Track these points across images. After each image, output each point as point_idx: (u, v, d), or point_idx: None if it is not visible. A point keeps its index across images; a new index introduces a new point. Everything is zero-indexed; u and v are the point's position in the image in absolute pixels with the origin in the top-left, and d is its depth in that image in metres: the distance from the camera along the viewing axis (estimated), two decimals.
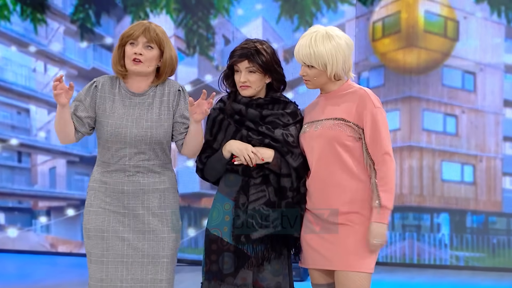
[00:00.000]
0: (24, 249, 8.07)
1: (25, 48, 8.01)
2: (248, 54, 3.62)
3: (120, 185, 3.59)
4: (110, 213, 3.59)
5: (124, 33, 3.59)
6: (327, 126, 3.55)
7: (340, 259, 3.52)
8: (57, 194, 8.04)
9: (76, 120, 3.60)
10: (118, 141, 3.57)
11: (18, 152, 8.12)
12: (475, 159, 7.38)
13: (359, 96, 3.54)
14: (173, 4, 7.68)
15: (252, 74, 3.64)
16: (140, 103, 3.61)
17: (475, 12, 7.29)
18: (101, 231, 3.58)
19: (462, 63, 7.36)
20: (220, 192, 3.69)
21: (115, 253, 3.58)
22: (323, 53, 3.52)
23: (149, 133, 3.58)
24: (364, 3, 7.43)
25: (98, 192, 3.60)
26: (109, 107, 3.59)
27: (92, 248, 3.59)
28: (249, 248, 3.61)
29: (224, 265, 3.60)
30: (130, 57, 3.55)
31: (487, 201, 7.36)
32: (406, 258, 7.47)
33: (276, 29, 7.47)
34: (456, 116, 7.41)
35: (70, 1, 7.90)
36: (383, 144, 3.49)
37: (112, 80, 3.65)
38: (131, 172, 3.59)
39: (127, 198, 3.59)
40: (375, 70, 7.50)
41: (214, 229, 3.66)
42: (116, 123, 3.56)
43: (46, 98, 7.97)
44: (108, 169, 3.60)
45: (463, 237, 7.38)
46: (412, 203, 7.45)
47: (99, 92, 3.60)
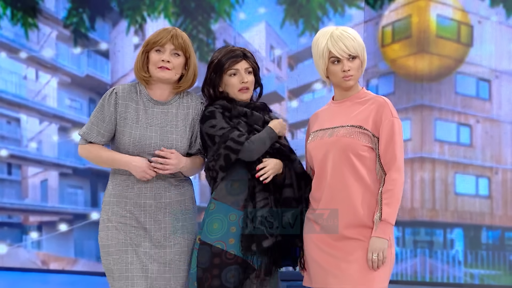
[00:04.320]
0: (14, 266, 8.04)
1: (16, 54, 8.00)
2: (245, 54, 3.75)
3: (141, 198, 3.63)
4: (131, 227, 3.63)
5: (150, 39, 3.65)
6: (342, 133, 3.54)
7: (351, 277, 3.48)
8: (49, 208, 8.03)
9: (99, 141, 3.67)
10: (141, 151, 3.62)
11: (8, 164, 8.11)
12: (490, 171, 7.35)
13: (378, 104, 3.55)
14: (172, 7, 7.67)
15: (250, 75, 3.75)
16: (164, 112, 3.66)
17: (490, 16, 7.27)
18: (124, 245, 3.61)
19: (476, 70, 7.34)
20: (222, 202, 3.67)
21: (139, 268, 3.61)
22: (360, 41, 3.58)
23: (174, 144, 3.63)
24: (373, 6, 7.41)
25: (116, 207, 3.64)
26: (131, 116, 3.62)
27: (114, 264, 3.61)
28: (255, 260, 3.64)
29: (230, 279, 3.61)
30: (157, 64, 3.62)
31: (503, 215, 7.32)
32: (418, 275, 7.43)
33: (280, 34, 7.47)
34: (470, 126, 7.39)
35: (63, 4, 7.89)
36: (396, 156, 3.49)
37: (131, 88, 3.68)
38: (154, 184, 3.65)
39: (149, 212, 3.64)
40: (385, 77, 7.48)
41: (217, 241, 3.64)
42: (141, 133, 3.60)
43: (38, 107, 7.96)
44: (128, 181, 3.64)
45: (478, 254, 7.35)
46: (424, 218, 7.42)
47: (120, 100, 3.63)
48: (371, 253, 3.47)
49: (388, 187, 3.47)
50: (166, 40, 3.62)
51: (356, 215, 3.50)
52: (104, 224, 3.67)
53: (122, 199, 3.64)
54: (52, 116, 7.95)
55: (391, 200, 3.47)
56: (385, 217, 3.46)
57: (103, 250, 3.66)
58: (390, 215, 3.46)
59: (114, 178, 3.70)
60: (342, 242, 3.52)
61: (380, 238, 3.46)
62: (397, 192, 3.48)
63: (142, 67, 3.66)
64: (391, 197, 3.47)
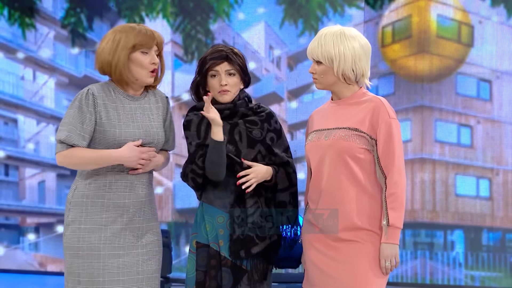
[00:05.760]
0: (11, 268, 8.04)
1: (13, 55, 8.01)
2: (228, 55, 3.69)
3: (121, 198, 3.58)
4: (106, 229, 3.57)
5: (137, 42, 3.59)
6: (338, 136, 3.53)
7: (349, 280, 3.49)
8: (46, 210, 8.03)
9: (82, 144, 3.57)
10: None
11: (5, 165, 8.10)
12: (491, 173, 7.35)
13: (374, 105, 3.54)
14: (170, 7, 7.68)
15: (231, 77, 3.70)
16: (141, 107, 3.65)
17: (491, 16, 7.28)
18: (97, 249, 3.54)
19: (477, 70, 7.34)
20: (210, 204, 3.69)
21: (111, 272, 3.56)
22: (330, 48, 3.53)
23: (156, 139, 3.64)
24: (373, 6, 7.42)
25: (91, 208, 3.56)
26: (112, 115, 3.58)
27: (84, 268, 3.54)
28: (247, 262, 3.64)
29: (222, 281, 3.62)
30: (148, 68, 3.60)
31: (504, 217, 7.33)
32: (418, 277, 7.43)
33: (279, 34, 7.47)
34: (471, 127, 7.40)
35: (60, 4, 7.90)
36: (395, 158, 3.48)
37: (104, 86, 3.64)
38: (133, 183, 3.61)
39: (126, 212, 3.59)
40: (385, 78, 7.48)
41: (212, 243, 3.67)
42: (124, 131, 3.57)
43: (35, 107, 7.96)
44: (104, 180, 3.58)
45: (479, 256, 7.35)
46: (424, 219, 7.43)
47: (98, 99, 3.58)
48: (383, 260, 3.46)
49: (390, 191, 3.47)
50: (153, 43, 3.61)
51: (351, 218, 3.49)
52: (74, 225, 3.56)
53: (98, 199, 3.57)
54: (50, 117, 7.95)
55: (396, 203, 3.46)
56: (392, 222, 3.45)
57: (71, 252, 3.56)
58: (396, 220, 3.45)
59: (85, 178, 3.61)
60: (339, 244, 3.51)
61: (390, 244, 3.46)
62: (401, 194, 3.47)
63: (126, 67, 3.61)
64: (395, 201, 3.46)
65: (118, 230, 3.57)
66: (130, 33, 3.60)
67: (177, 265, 7.40)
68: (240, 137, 3.71)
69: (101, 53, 3.60)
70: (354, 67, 3.56)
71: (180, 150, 7.21)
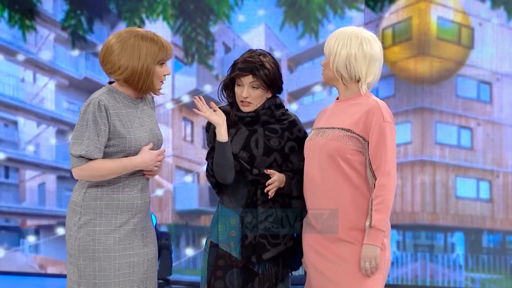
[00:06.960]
0: (11, 270, 8.04)
1: (13, 57, 8.02)
2: (254, 68, 3.69)
3: (134, 199, 3.63)
4: (120, 230, 3.61)
5: (164, 58, 3.69)
6: (331, 136, 3.56)
7: (346, 281, 3.52)
8: (46, 212, 8.03)
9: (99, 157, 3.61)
10: (138, 152, 3.63)
11: (5, 167, 8.11)
12: (491, 175, 7.37)
13: (370, 108, 3.56)
14: (171, 10, 7.70)
15: (255, 90, 3.71)
16: (141, 110, 3.70)
17: (491, 18, 7.30)
18: (112, 250, 3.59)
19: (477, 72, 7.36)
20: (225, 206, 3.73)
21: (125, 272, 3.61)
22: (332, 43, 3.60)
23: (160, 140, 3.73)
24: (373, 9, 7.44)
25: (105, 210, 3.60)
26: (125, 123, 3.61)
27: (100, 270, 3.59)
28: (259, 267, 3.69)
29: (233, 282, 3.65)
30: (162, 79, 3.67)
31: (504, 219, 7.34)
32: (418, 280, 7.45)
33: (279, 37, 7.48)
34: (471, 129, 7.41)
35: (61, 6, 7.90)
36: (387, 160, 3.49)
37: (110, 95, 3.65)
38: (143, 184, 3.68)
39: (139, 212, 3.65)
40: (385, 80, 7.49)
41: (222, 243, 3.72)
42: (139, 136, 3.62)
43: (35, 109, 7.97)
44: (118, 183, 3.61)
45: (479, 258, 7.36)
46: (425, 221, 7.44)
47: (111, 110, 3.59)
48: (363, 261, 3.49)
49: (377, 193, 3.49)
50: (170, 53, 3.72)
51: (348, 217, 3.53)
52: (89, 228, 3.58)
53: (112, 202, 3.60)
54: (50, 119, 7.95)
55: (381, 206, 3.47)
56: (375, 223, 3.47)
57: (87, 255, 3.58)
58: (379, 222, 3.47)
59: (97, 182, 3.63)
60: (336, 244, 3.55)
61: (371, 245, 3.49)
62: (387, 197, 3.48)
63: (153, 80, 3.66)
64: (381, 203, 3.47)
65: (130, 230, 3.62)
66: (154, 44, 3.66)
67: (177, 267, 7.42)
68: (256, 144, 3.72)
69: (120, 56, 3.63)
70: (348, 66, 3.58)
71: (180, 152, 7.25)
